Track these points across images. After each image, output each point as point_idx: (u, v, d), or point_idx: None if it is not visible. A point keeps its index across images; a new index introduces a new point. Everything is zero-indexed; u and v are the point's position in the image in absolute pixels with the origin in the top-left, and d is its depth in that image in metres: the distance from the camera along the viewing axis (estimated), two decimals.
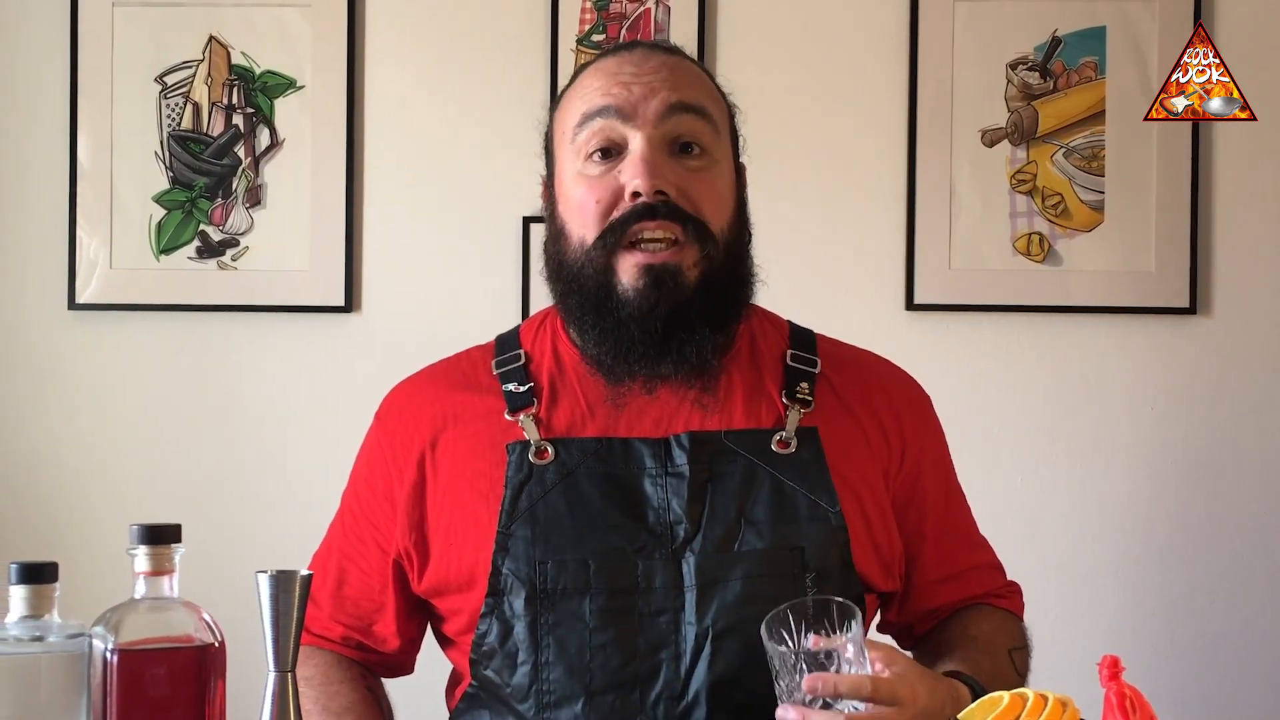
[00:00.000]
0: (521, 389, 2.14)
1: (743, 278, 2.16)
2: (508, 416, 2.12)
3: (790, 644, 1.77)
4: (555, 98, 2.24)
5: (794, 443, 2.09)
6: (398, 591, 2.19)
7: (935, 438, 2.26)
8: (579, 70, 2.21)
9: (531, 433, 2.09)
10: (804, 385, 2.14)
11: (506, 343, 2.23)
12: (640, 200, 2.04)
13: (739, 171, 2.20)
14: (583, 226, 2.08)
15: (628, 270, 2.06)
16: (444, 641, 2.21)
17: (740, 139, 2.22)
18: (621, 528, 2.03)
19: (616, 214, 2.06)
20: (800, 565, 2.02)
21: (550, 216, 2.18)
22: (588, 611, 2.00)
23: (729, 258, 2.11)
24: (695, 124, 2.09)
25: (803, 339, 2.23)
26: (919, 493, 2.20)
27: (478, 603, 2.06)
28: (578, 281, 2.10)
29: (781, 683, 1.77)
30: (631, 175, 2.04)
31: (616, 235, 2.05)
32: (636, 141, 2.06)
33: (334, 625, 2.22)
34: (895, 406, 2.21)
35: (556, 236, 2.14)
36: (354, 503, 2.24)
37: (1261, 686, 3.45)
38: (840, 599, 1.81)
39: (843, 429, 2.14)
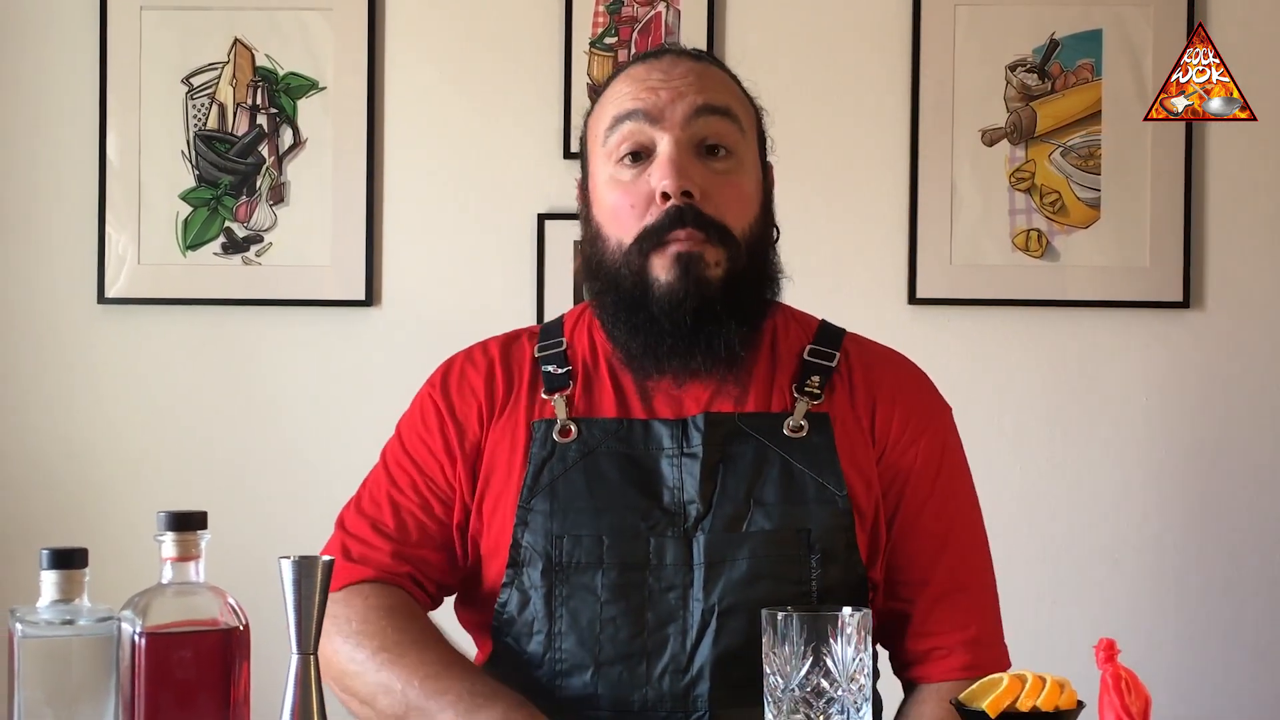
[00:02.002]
0: (560, 371, 2.15)
1: (767, 275, 2.16)
2: (544, 395, 2.14)
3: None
4: (590, 105, 2.23)
5: (805, 427, 2.09)
6: (460, 540, 2.15)
7: (927, 445, 2.17)
8: (612, 76, 2.21)
9: (561, 412, 2.11)
10: (815, 379, 2.13)
11: (550, 330, 2.25)
12: (670, 203, 2.05)
13: (766, 171, 2.20)
14: (619, 230, 2.09)
15: (659, 267, 2.06)
16: (464, 601, 2.21)
17: (768, 140, 2.22)
18: (637, 506, 2.05)
19: (650, 220, 2.06)
20: (806, 546, 2.03)
21: (585, 218, 2.19)
22: (599, 585, 2.02)
23: (752, 257, 2.12)
24: (721, 125, 2.10)
25: (829, 336, 2.20)
26: (894, 494, 2.13)
27: (499, 572, 2.07)
28: (615, 280, 2.10)
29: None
30: (660, 177, 2.05)
31: (651, 241, 2.06)
32: (664, 143, 2.07)
33: (398, 563, 2.14)
34: (889, 407, 2.15)
35: (594, 239, 2.15)
36: (407, 463, 2.18)
37: (1253, 669, 3.45)
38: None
39: (847, 420, 2.13)
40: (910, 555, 2.15)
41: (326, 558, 1.55)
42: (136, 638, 1.54)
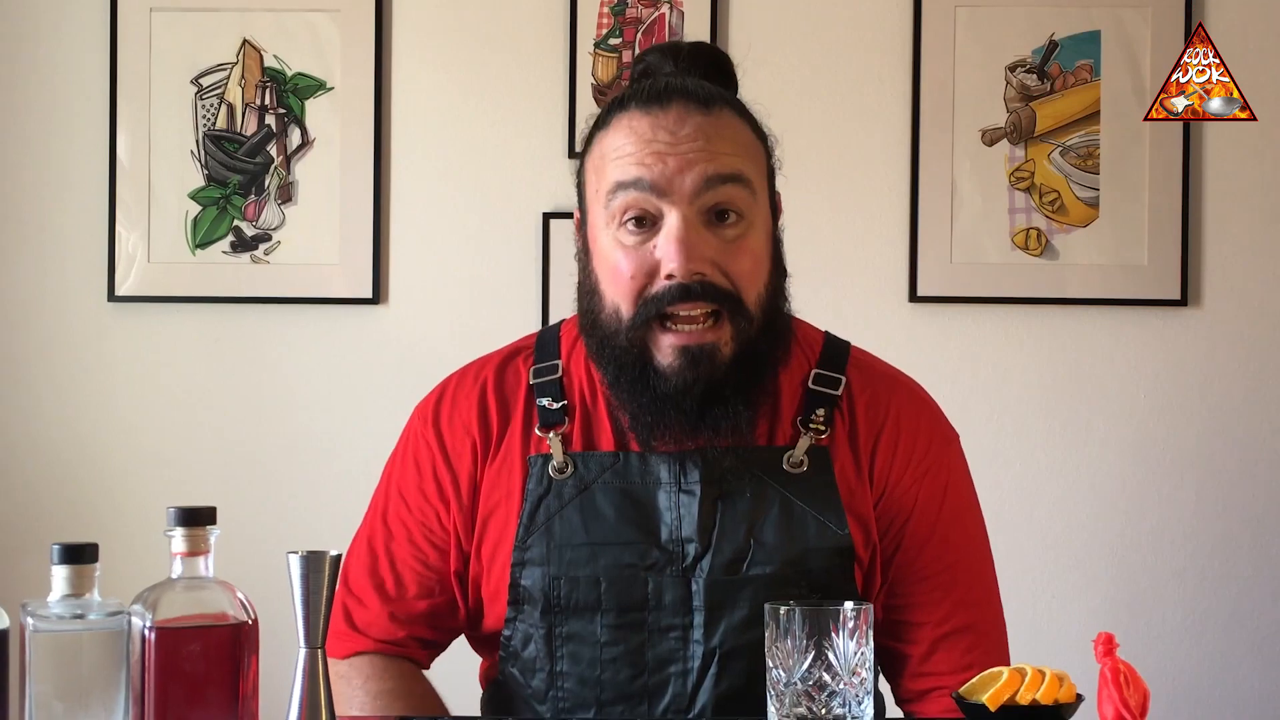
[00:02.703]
0: (555, 406, 2.07)
1: (779, 333, 2.05)
2: (538, 432, 2.07)
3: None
4: (589, 131, 2.09)
5: (805, 462, 2.02)
6: (459, 586, 2.13)
7: (933, 485, 2.10)
8: (612, 106, 2.06)
9: (556, 449, 2.04)
10: (820, 413, 2.06)
11: (546, 348, 2.15)
12: (675, 281, 1.94)
13: (774, 205, 2.09)
14: (617, 294, 1.99)
15: (665, 351, 1.97)
16: (471, 629, 2.18)
17: (777, 165, 2.10)
18: (634, 544, 1.99)
19: (652, 290, 1.96)
20: (807, 587, 1.97)
21: (583, 265, 2.08)
22: (599, 627, 1.99)
23: (764, 323, 2.01)
24: (732, 192, 1.97)
25: (834, 357, 2.12)
26: (893, 535, 2.08)
27: (501, 611, 2.04)
28: (611, 347, 2.01)
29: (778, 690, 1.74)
30: (668, 257, 1.94)
31: (651, 311, 1.96)
32: (672, 219, 1.94)
33: (396, 628, 2.14)
34: (891, 449, 2.09)
35: (590, 292, 2.04)
36: (401, 507, 2.16)
37: (1250, 661, 3.44)
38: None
39: (847, 458, 2.06)
40: (909, 595, 2.09)
41: (334, 553, 1.55)
42: (146, 632, 1.54)
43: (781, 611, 1.69)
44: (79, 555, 1.55)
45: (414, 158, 3.53)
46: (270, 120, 3.52)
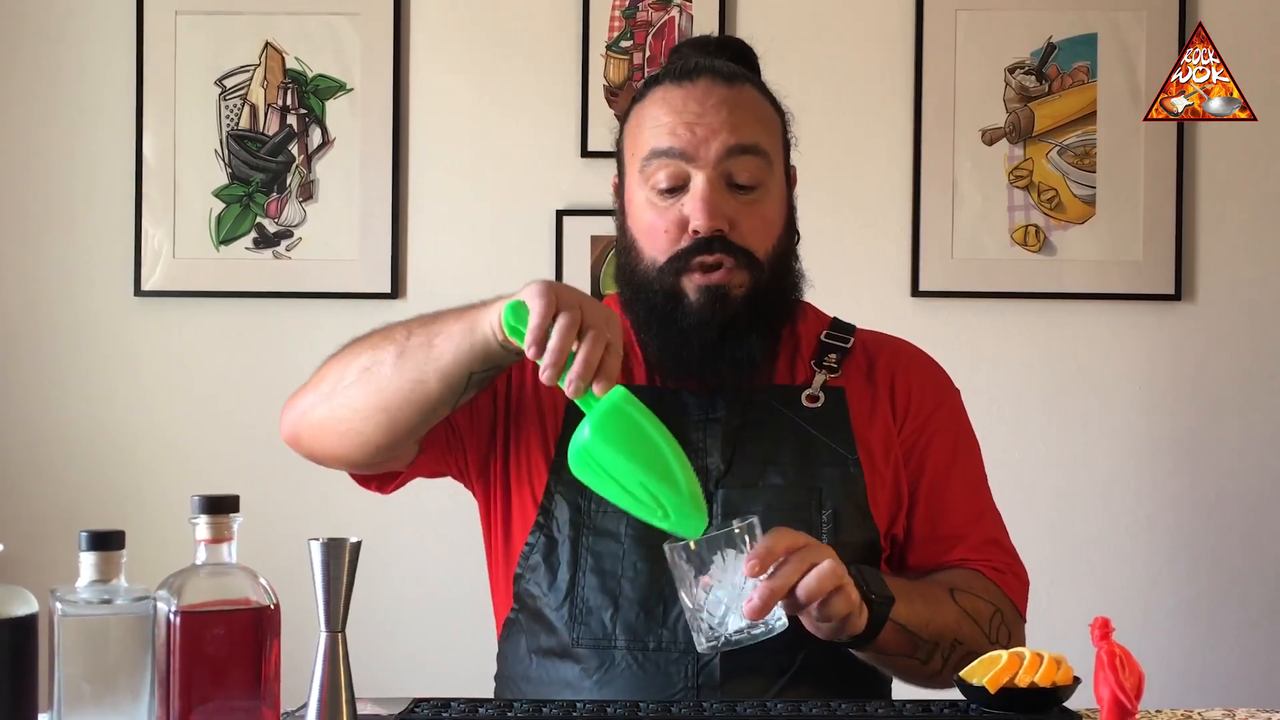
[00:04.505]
0: None
1: (789, 284, 2.23)
2: None
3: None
4: (628, 107, 2.26)
5: (821, 398, 2.16)
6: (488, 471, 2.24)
7: (947, 413, 2.27)
8: (648, 82, 2.23)
9: None
10: (832, 356, 2.21)
11: None
12: (700, 236, 2.12)
13: (789, 177, 2.25)
14: (653, 249, 2.16)
15: (689, 291, 2.14)
16: (489, 551, 2.25)
17: (792, 140, 2.26)
18: None
19: (682, 245, 2.13)
20: (817, 503, 2.09)
21: (621, 226, 2.24)
22: (623, 533, 2.08)
23: (775, 273, 2.18)
24: (750, 163, 2.14)
25: (842, 326, 2.30)
26: (917, 456, 2.21)
27: (528, 521, 2.14)
28: (646, 292, 2.17)
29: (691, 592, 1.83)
30: (694, 212, 2.11)
31: (682, 263, 2.13)
32: (698, 181, 2.12)
33: None
34: (908, 379, 2.25)
35: (628, 248, 2.21)
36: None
37: (1240, 645, 3.44)
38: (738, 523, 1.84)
39: (863, 394, 2.20)
40: (945, 512, 2.21)
41: (353, 539, 1.55)
42: (171, 616, 1.53)
43: (667, 550, 1.82)
44: (106, 542, 1.55)
45: (431, 157, 3.53)
46: (292, 120, 3.52)
